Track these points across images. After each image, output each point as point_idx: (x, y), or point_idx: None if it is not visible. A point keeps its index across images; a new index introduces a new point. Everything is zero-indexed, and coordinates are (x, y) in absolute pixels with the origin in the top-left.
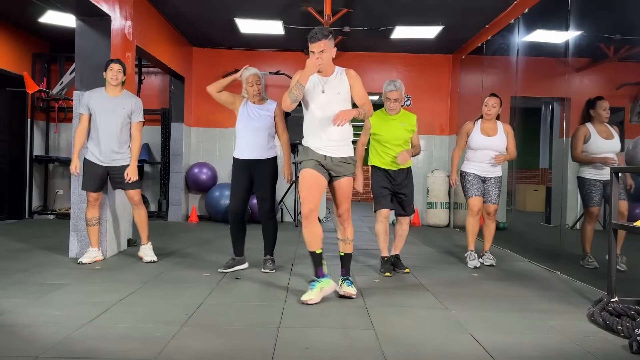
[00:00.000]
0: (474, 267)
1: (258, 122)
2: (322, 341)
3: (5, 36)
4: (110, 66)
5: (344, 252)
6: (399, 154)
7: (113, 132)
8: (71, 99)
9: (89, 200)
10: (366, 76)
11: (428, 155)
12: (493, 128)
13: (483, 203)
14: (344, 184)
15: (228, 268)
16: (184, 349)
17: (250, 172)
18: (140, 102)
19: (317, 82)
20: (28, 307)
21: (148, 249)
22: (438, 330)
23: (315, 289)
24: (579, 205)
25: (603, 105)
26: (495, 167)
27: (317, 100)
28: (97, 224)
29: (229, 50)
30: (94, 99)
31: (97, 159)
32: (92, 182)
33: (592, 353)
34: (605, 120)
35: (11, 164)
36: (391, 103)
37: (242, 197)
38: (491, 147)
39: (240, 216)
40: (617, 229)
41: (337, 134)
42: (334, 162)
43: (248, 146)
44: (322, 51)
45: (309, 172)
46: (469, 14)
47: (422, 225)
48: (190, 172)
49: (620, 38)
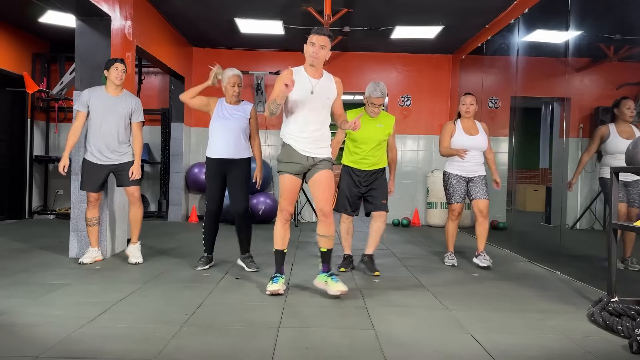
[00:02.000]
0: (451, 265)
1: (232, 121)
2: (322, 341)
3: (5, 36)
4: (115, 65)
5: (326, 248)
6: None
7: (113, 131)
8: (71, 99)
9: (89, 200)
10: (366, 76)
11: (428, 155)
12: (474, 127)
13: (472, 200)
14: (322, 176)
15: (205, 265)
16: (184, 349)
17: (224, 172)
18: (140, 103)
19: (306, 81)
20: (28, 307)
21: (136, 250)
22: (438, 330)
23: (279, 282)
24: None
25: (627, 105)
26: (478, 167)
27: (304, 100)
28: (97, 224)
29: (229, 50)
30: (94, 97)
31: (96, 159)
32: (93, 182)
33: (592, 353)
34: (630, 120)
35: (11, 164)
36: (375, 108)
37: (218, 198)
38: (475, 147)
39: (217, 217)
40: (617, 229)
41: (321, 135)
42: (315, 161)
43: (222, 145)
44: (322, 46)
45: (288, 179)
46: (469, 14)
47: (422, 225)
48: (190, 172)
49: (620, 38)
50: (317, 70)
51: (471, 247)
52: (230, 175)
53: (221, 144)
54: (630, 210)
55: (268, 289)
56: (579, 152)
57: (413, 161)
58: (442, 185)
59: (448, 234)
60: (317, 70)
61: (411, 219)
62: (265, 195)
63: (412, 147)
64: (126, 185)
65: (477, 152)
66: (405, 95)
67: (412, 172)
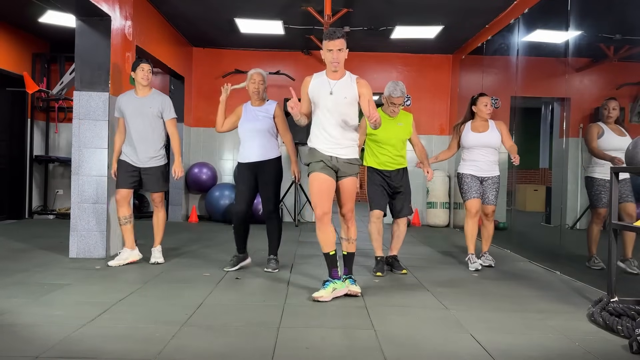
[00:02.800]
0: (475, 270)
1: (257, 124)
2: (322, 341)
3: (5, 36)
4: (141, 66)
5: (347, 252)
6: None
7: (142, 133)
8: (71, 99)
9: (118, 198)
10: (366, 76)
11: (428, 155)
12: (483, 125)
13: (481, 204)
14: (347, 183)
15: (234, 266)
16: (184, 349)
17: (254, 173)
18: (169, 100)
19: (326, 83)
20: (28, 307)
21: (157, 251)
22: (438, 330)
23: (328, 289)
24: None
25: (611, 105)
26: (492, 166)
27: (324, 101)
28: (130, 223)
29: (229, 50)
30: (124, 101)
31: (130, 160)
32: (125, 180)
33: (592, 353)
34: (612, 119)
35: (11, 164)
36: (395, 107)
37: (247, 198)
38: (485, 144)
39: (245, 217)
40: (617, 229)
41: (342, 135)
42: (339, 162)
43: (251, 149)
44: (340, 50)
45: (318, 176)
46: (469, 14)
47: (422, 225)
48: (190, 172)
49: (620, 38)
50: (338, 72)
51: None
52: (260, 177)
53: (248, 148)
54: (626, 206)
55: (314, 296)
56: (579, 152)
57: (413, 161)
58: (442, 186)
59: (467, 234)
60: (338, 72)
61: (411, 219)
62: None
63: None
64: (152, 191)
65: (490, 150)
66: (406, 95)
67: (412, 172)
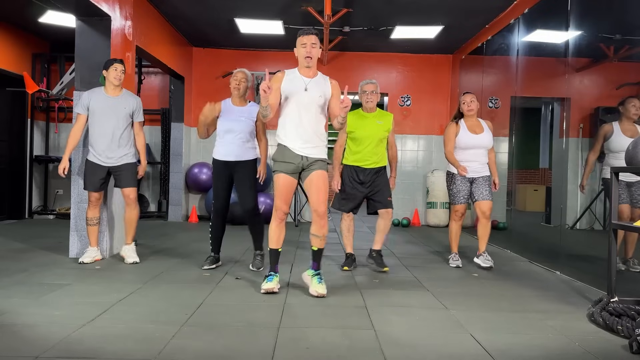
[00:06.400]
0: (455, 267)
1: (238, 124)
2: (322, 341)
3: (5, 36)
4: (114, 66)
5: (317, 247)
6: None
7: (114, 132)
8: (71, 99)
9: (90, 200)
10: (366, 76)
11: (428, 155)
12: (478, 125)
13: (475, 201)
14: (316, 177)
15: (211, 264)
16: (184, 349)
17: (230, 172)
18: (141, 101)
19: (299, 80)
20: (28, 307)
21: (131, 250)
22: (438, 330)
23: (274, 281)
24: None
25: (633, 102)
26: (484, 167)
27: (299, 97)
28: (97, 224)
29: (229, 50)
30: (94, 99)
31: (98, 160)
32: (94, 182)
33: (592, 353)
34: (635, 118)
35: (11, 164)
36: (367, 95)
37: (223, 196)
38: (480, 145)
39: (224, 212)
40: (616, 229)
41: (315, 132)
42: (309, 161)
43: (229, 148)
44: (314, 44)
45: (283, 178)
46: (469, 14)
47: (422, 225)
48: (190, 172)
49: (620, 38)
50: (311, 70)
51: (471, 247)
52: (236, 176)
53: (227, 146)
54: (634, 211)
55: (263, 288)
56: (579, 152)
57: (413, 161)
58: (442, 185)
59: (452, 235)
60: (311, 70)
61: (411, 219)
62: (265, 195)
63: (412, 147)
64: (123, 187)
65: (482, 151)
66: (405, 95)
67: (412, 172)
